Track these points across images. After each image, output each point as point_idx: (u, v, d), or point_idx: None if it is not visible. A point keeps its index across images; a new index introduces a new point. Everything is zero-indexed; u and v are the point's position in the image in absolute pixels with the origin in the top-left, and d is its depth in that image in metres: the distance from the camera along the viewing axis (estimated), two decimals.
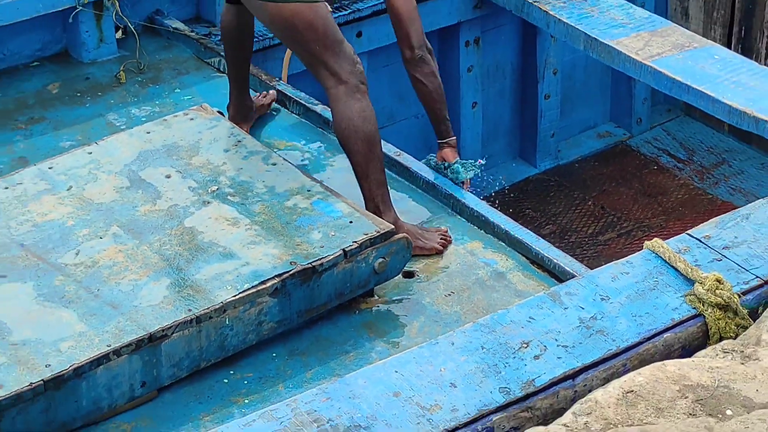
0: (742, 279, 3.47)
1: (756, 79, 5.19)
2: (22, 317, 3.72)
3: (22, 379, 3.50)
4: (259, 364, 3.89)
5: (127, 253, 3.95)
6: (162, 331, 3.69)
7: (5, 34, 5.12)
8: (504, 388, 3.13)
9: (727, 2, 6.71)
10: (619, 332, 3.30)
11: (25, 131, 4.87)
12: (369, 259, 4.04)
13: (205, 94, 5.05)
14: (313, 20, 4.17)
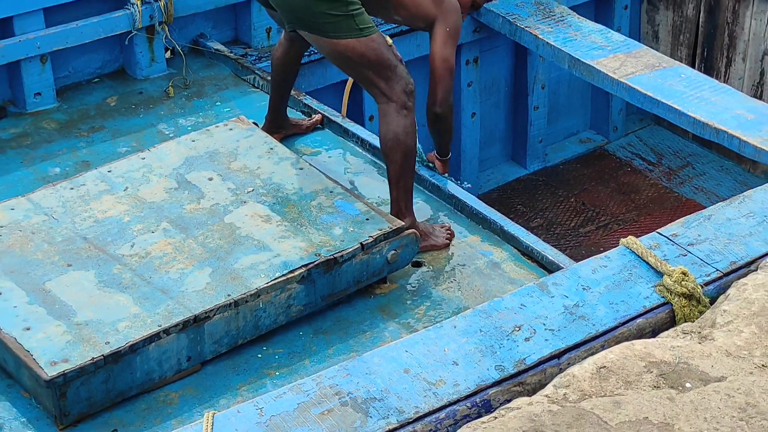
0: (705, 272, 3.45)
1: (716, 95, 5.16)
2: (85, 301, 3.71)
3: (85, 354, 3.51)
4: (288, 341, 3.88)
5: (175, 246, 3.94)
6: (205, 313, 3.68)
7: (71, 54, 5.10)
8: (499, 366, 3.12)
9: (691, 27, 6.67)
10: (598, 318, 3.29)
11: (87, 138, 4.84)
12: (383, 251, 4.03)
13: (242, 107, 5.02)
14: (365, 52, 4.07)
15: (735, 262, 3.48)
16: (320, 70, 5.56)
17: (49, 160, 4.68)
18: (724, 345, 3.06)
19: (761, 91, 6.45)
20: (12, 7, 4.81)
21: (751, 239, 3.56)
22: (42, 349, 3.52)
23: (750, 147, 4.83)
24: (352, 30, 4.03)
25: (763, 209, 3.68)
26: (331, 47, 4.11)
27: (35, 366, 3.47)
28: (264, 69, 5.28)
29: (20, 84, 4.95)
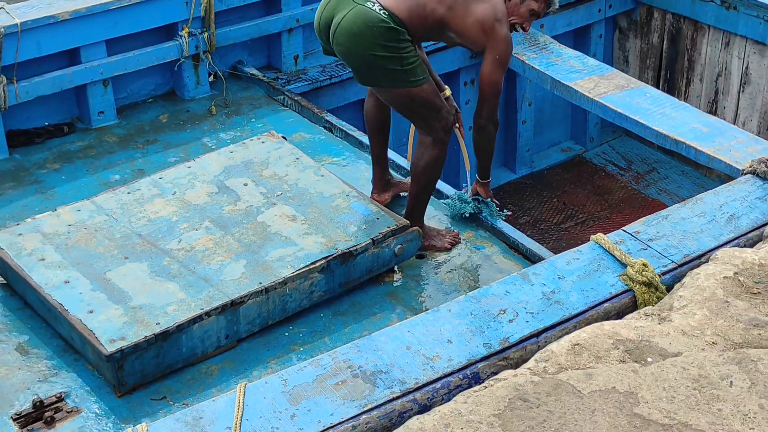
0: (662, 263, 3.43)
1: (676, 111, 5.13)
2: (139, 288, 3.72)
3: (139, 333, 3.52)
4: (311, 322, 3.88)
5: (216, 241, 3.95)
6: (240, 298, 3.69)
7: (129, 79, 5.10)
8: (487, 344, 3.10)
9: (656, 53, 6.64)
10: (571, 302, 3.27)
11: (142, 150, 4.84)
12: (391, 245, 4.03)
13: (273, 123, 5.00)
14: (415, 98, 3.99)
15: (688, 255, 3.45)
16: (340, 90, 5.56)
17: (110, 169, 4.69)
18: (680, 325, 3.05)
19: (716, 107, 6.41)
20: (79, 39, 4.82)
21: (702, 235, 3.54)
22: (103, 328, 3.53)
23: (704, 155, 4.80)
24: (405, 81, 3.94)
25: (712, 210, 3.66)
26: (387, 94, 4.05)
27: (97, 343, 3.49)
28: (292, 90, 5.28)
29: (86, 104, 4.96)
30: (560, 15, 6.27)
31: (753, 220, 3.62)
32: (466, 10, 4.01)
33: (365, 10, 3.86)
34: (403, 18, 3.89)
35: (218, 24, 5.15)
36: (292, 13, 5.36)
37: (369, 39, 3.86)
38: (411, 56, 3.93)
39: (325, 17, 3.99)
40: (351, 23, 3.87)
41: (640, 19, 6.63)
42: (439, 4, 3.98)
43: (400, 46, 3.89)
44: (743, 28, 6.07)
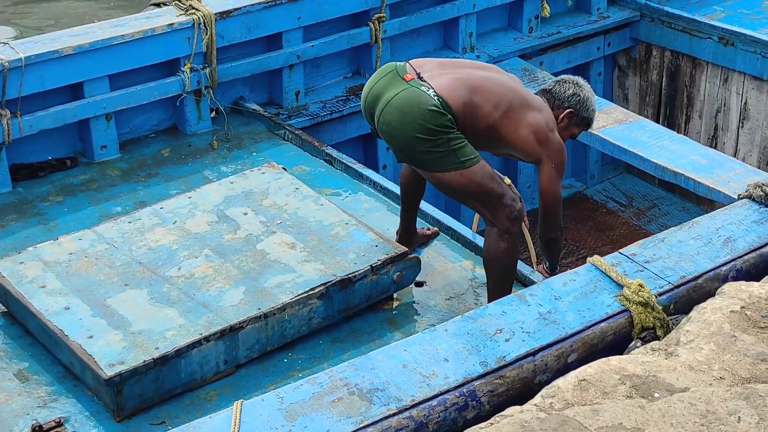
0: (658, 284, 3.44)
1: (675, 144, 5.20)
2: (139, 313, 3.74)
3: (138, 358, 3.54)
4: (310, 348, 3.89)
5: (215, 268, 3.97)
6: (239, 323, 3.70)
7: (132, 113, 5.14)
8: (483, 362, 3.11)
9: (656, 90, 6.71)
10: (567, 322, 3.28)
11: (144, 183, 4.87)
12: (390, 273, 4.05)
13: (274, 157, 5.03)
14: (467, 184, 3.82)
15: (684, 277, 3.47)
16: (340, 126, 5.62)
17: (111, 201, 4.71)
18: (687, 360, 3.04)
19: (716, 142, 6.47)
20: (83, 74, 4.87)
21: (698, 257, 3.56)
22: (102, 353, 3.55)
23: (703, 187, 4.85)
24: (454, 164, 3.78)
25: (708, 233, 3.69)
26: (436, 180, 3.87)
27: (96, 367, 3.50)
28: (292, 125, 5.32)
29: (89, 138, 5.00)
30: (559, 52, 6.36)
31: (749, 242, 3.65)
32: (519, 120, 3.91)
33: (419, 92, 3.79)
34: (455, 110, 3.80)
35: (220, 60, 5.21)
36: (293, 49, 5.42)
37: (418, 120, 3.75)
38: (458, 137, 3.79)
39: (374, 94, 3.92)
40: (401, 102, 3.78)
41: (639, 56, 6.71)
42: (493, 110, 3.88)
43: (446, 130, 3.77)
44: (741, 64, 6.14)
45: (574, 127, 4.18)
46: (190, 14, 5.05)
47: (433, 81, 3.86)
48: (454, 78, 3.89)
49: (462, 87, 3.86)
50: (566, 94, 4.13)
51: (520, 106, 3.93)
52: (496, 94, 3.91)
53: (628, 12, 6.59)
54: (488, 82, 3.94)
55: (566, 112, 4.10)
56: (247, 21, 5.23)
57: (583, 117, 4.18)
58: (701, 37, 6.28)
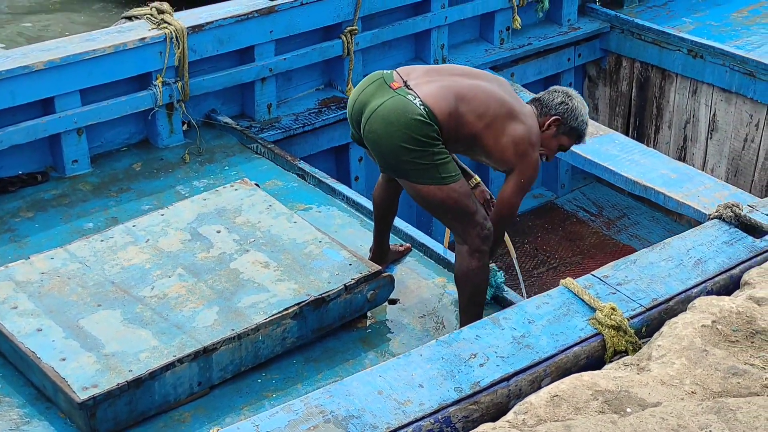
0: (630, 307, 3.45)
1: (645, 158, 5.24)
2: (112, 335, 3.73)
3: (112, 381, 3.53)
4: (284, 368, 3.89)
5: (188, 288, 3.96)
6: (213, 345, 3.70)
7: (103, 128, 5.11)
8: (458, 388, 3.11)
9: (626, 101, 6.75)
10: (541, 346, 3.28)
11: (116, 198, 4.84)
12: (363, 291, 4.06)
13: (246, 171, 5.02)
14: (445, 199, 3.84)
15: (656, 299, 3.49)
16: (313, 138, 5.61)
17: (83, 217, 4.68)
18: (659, 375, 3.05)
19: (684, 153, 6.52)
20: (54, 88, 4.83)
21: (670, 279, 3.58)
22: (75, 376, 3.54)
23: (673, 201, 4.89)
24: (434, 178, 3.79)
25: (679, 254, 3.71)
26: (415, 191, 3.88)
27: (69, 390, 3.49)
28: (265, 138, 5.31)
29: (60, 153, 4.96)
30: (530, 64, 6.39)
31: (719, 264, 3.68)
32: (502, 130, 3.89)
33: (405, 100, 3.79)
34: (440, 119, 3.79)
35: (192, 73, 5.18)
36: (265, 62, 5.41)
37: (403, 129, 3.75)
38: (442, 152, 3.81)
39: (360, 102, 3.92)
40: (388, 111, 3.78)
41: (609, 67, 6.75)
42: (477, 119, 3.87)
43: (431, 142, 3.77)
44: (710, 76, 6.20)
45: (562, 136, 4.11)
46: (162, 28, 5.02)
47: (419, 89, 3.85)
48: (441, 86, 3.88)
49: (449, 96, 3.85)
50: (554, 102, 4.09)
51: (505, 116, 3.91)
52: (483, 104, 3.90)
53: (598, 23, 6.63)
54: (475, 92, 3.92)
55: (552, 119, 4.06)
56: (219, 35, 5.21)
57: (572, 127, 4.10)
58: (671, 49, 6.33)
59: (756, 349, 3.18)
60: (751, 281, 3.56)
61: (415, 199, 3.97)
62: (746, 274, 3.52)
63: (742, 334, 3.24)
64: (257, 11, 5.28)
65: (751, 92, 6.01)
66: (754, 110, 6.06)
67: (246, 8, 5.28)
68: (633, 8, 6.74)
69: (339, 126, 5.65)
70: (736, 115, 6.16)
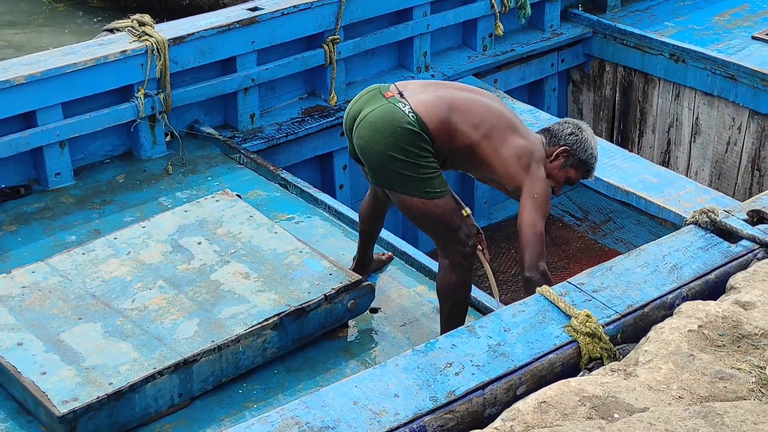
0: (606, 314, 3.45)
1: (627, 163, 5.27)
2: (92, 348, 3.74)
3: (92, 394, 3.54)
4: (265, 378, 3.90)
5: (169, 300, 3.98)
6: (193, 356, 3.72)
7: (86, 140, 5.12)
8: (433, 397, 3.11)
9: (609, 105, 6.78)
10: (516, 354, 3.28)
11: (99, 210, 4.84)
12: (344, 301, 4.07)
13: (229, 182, 5.03)
14: (428, 213, 3.82)
15: (631, 306, 3.50)
16: (296, 148, 5.63)
17: (66, 230, 4.69)
18: (646, 380, 3.04)
19: (668, 157, 6.55)
20: (35, 102, 4.84)
21: (645, 286, 3.59)
22: (56, 390, 3.55)
23: (654, 206, 4.92)
24: (418, 191, 3.77)
25: (655, 261, 3.72)
26: (399, 200, 3.86)
27: (50, 404, 3.50)
28: (247, 149, 5.33)
29: (43, 166, 4.97)
30: (513, 69, 6.41)
31: (695, 269, 3.69)
32: (502, 141, 3.82)
33: (395, 108, 3.78)
34: (431, 128, 3.76)
35: (174, 85, 5.20)
36: (247, 72, 5.43)
37: (390, 137, 3.73)
38: (430, 166, 3.77)
39: (354, 110, 3.90)
40: (377, 118, 3.77)
41: (592, 72, 6.77)
42: (473, 130, 3.82)
43: (420, 153, 3.74)
44: (692, 79, 6.23)
45: (570, 168, 4.02)
46: (143, 41, 5.04)
47: (412, 98, 3.84)
48: (435, 96, 3.86)
49: (441, 105, 3.82)
50: (564, 133, 4.03)
51: (505, 129, 3.85)
52: (478, 115, 3.85)
53: (581, 29, 6.65)
54: (471, 103, 3.89)
55: (561, 149, 3.99)
56: (201, 46, 5.23)
57: (581, 159, 4.03)
58: (653, 53, 6.36)
59: (742, 353, 3.19)
60: (737, 286, 3.57)
61: (399, 209, 3.96)
62: (732, 279, 3.53)
63: (729, 338, 3.24)
64: (238, 22, 5.30)
65: (733, 96, 6.04)
66: (736, 113, 6.08)
67: (227, 19, 5.30)
68: (615, 13, 6.77)
69: (322, 135, 5.68)
70: (718, 119, 6.19)
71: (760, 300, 3.35)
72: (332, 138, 5.72)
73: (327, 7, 5.56)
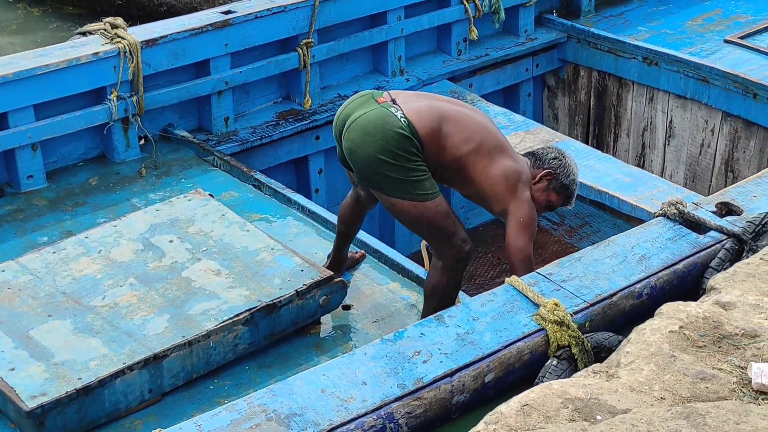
0: (574, 303, 3.49)
1: (600, 163, 5.29)
2: (62, 344, 3.73)
3: (60, 389, 3.53)
4: (236, 374, 3.89)
5: (140, 297, 3.97)
6: (163, 351, 3.71)
7: (59, 142, 5.12)
8: (401, 384, 3.14)
9: (584, 109, 6.82)
10: (484, 342, 3.31)
11: (71, 212, 4.84)
12: (316, 297, 4.07)
13: (202, 183, 5.03)
14: (419, 217, 3.80)
15: (600, 295, 3.53)
16: (271, 151, 5.64)
17: (38, 231, 4.68)
18: (628, 382, 3.05)
19: (643, 160, 6.59)
20: (7, 103, 4.84)
21: (613, 275, 3.62)
22: (24, 385, 3.54)
23: (627, 205, 4.95)
24: (408, 193, 3.76)
25: (624, 251, 3.76)
26: (389, 204, 3.85)
27: (18, 400, 3.49)
28: (222, 151, 5.33)
29: (15, 168, 4.96)
30: (488, 74, 6.45)
31: (663, 260, 3.73)
32: (491, 159, 3.83)
33: (387, 112, 3.79)
34: (422, 135, 3.77)
35: (147, 87, 5.21)
36: (221, 75, 5.44)
37: (380, 141, 3.73)
38: (419, 169, 3.77)
39: (345, 114, 3.91)
40: (368, 121, 3.78)
41: (567, 77, 6.82)
42: (463, 143, 3.83)
43: (409, 158, 3.75)
44: (665, 82, 6.28)
45: (552, 191, 4.06)
46: (115, 43, 5.05)
47: (405, 105, 3.86)
48: (428, 105, 3.89)
49: (434, 114, 3.84)
50: (548, 156, 4.08)
51: (494, 147, 3.86)
52: (469, 128, 3.87)
53: (555, 33, 6.70)
54: (463, 116, 3.91)
55: (544, 172, 4.03)
56: (174, 48, 5.24)
57: (563, 184, 4.07)
58: (626, 57, 6.41)
59: (723, 353, 3.20)
60: (717, 286, 3.59)
61: (391, 213, 3.95)
62: (712, 279, 3.55)
63: (710, 339, 3.25)
64: (211, 25, 5.32)
65: (706, 98, 6.08)
66: (709, 116, 6.13)
67: (200, 22, 5.32)
68: (589, 18, 6.82)
69: (297, 138, 5.69)
70: (692, 121, 6.23)
71: (740, 300, 3.37)
72: (307, 142, 5.73)
73: (300, 11, 5.58)
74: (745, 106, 5.89)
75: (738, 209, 3.99)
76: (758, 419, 2.82)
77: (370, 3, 5.88)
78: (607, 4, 6.98)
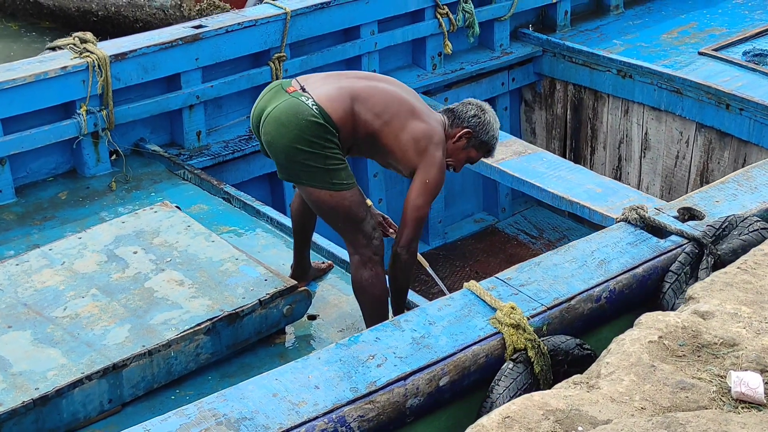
0: (532, 307, 3.47)
1: (572, 174, 5.29)
2: (21, 355, 3.71)
3: (17, 399, 3.51)
4: (198, 384, 3.87)
5: (101, 307, 3.96)
6: (123, 361, 3.69)
7: (28, 157, 5.12)
8: (353, 388, 3.12)
9: (561, 123, 6.83)
10: (440, 346, 3.29)
11: (39, 226, 4.83)
12: (279, 306, 4.06)
13: (172, 197, 5.02)
14: (335, 206, 3.85)
15: (558, 299, 3.52)
16: (244, 165, 5.64)
17: (4, 245, 4.68)
18: (609, 392, 3.03)
19: (620, 173, 6.59)
20: None
21: (572, 280, 3.61)
22: None
23: (598, 215, 4.94)
24: (324, 182, 3.80)
25: (583, 256, 3.75)
26: (307, 194, 3.89)
27: None
28: (193, 165, 5.34)
29: None
30: (463, 88, 6.46)
31: (623, 264, 3.71)
32: (402, 127, 3.88)
33: (298, 102, 3.82)
34: (334, 119, 3.82)
35: (118, 101, 5.22)
36: (192, 89, 5.45)
37: (295, 131, 3.77)
38: (335, 157, 3.82)
39: (260, 108, 3.94)
40: (280, 113, 3.81)
41: (543, 91, 6.83)
42: (375, 118, 3.88)
43: (325, 144, 3.79)
44: (639, 95, 6.29)
45: (472, 149, 4.10)
46: (84, 57, 5.06)
47: (314, 92, 3.88)
48: (337, 87, 3.91)
49: (344, 95, 3.88)
50: (467, 114, 4.09)
51: (406, 114, 3.91)
52: (380, 102, 3.91)
53: (530, 47, 6.72)
54: (373, 91, 3.94)
55: (463, 131, 4.05)
56: (144, 62, 5.25)
57: (482, 141, 4.09)
58: (600, 70, 6.42)
59: (703, 362, 3.19)
60: (695, 296, 3.58)
61: (309, 204, 3.98)
62: (690, 289, 3.54)
63: (689, 348, 3.24)
64: (181, 39, 5.33)
65: (679, 109, 6.09)
66: (683, 127, 6.14)
67: (170, 36, 5.33)
68: (565, 33, 6.85)
69: None
70: (666, 133, 6.24)
71: (719, 309, 3.37)
72: None
73: (272, 25, 5.60)
74: (719, 117, 5.90)
75: (700, 214, 3.98)
76: (738, 428, 2.81)
77: (343, 17, 5.90)
78: (583, 19, 7.01)
